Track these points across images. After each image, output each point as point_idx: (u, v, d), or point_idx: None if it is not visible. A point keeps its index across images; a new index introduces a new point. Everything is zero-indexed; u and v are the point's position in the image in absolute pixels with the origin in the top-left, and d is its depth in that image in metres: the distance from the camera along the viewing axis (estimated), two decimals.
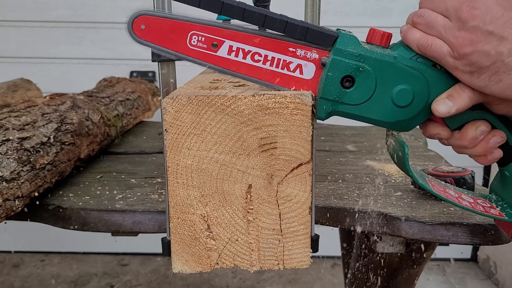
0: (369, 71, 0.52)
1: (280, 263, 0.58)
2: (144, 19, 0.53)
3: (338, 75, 0.52)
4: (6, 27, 1.99)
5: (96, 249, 2.19)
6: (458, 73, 0.50)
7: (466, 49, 0.48)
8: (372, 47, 0.53)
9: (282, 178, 0.55)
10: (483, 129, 0.53)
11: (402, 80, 0.52)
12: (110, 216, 0.71)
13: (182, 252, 0.58)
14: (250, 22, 0.52)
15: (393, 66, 0.52)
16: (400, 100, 0.53)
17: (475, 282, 2.04)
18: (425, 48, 0.50)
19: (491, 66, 0.47)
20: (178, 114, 0.53)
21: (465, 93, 0.51)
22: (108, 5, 1.97)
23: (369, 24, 0.55)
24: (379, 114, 0.53)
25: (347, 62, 0.52)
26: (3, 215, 0.62)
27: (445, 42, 0.49)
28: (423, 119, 0.54)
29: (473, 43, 0.47)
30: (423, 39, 0.51)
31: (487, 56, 0.47)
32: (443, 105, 0.51)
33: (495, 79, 0.48)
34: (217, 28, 0.53)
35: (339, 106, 0.53)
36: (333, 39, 0.52)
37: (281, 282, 1.99)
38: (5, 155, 0.65)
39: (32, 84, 1.29)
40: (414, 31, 0.52)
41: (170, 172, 0.55)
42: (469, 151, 0.55)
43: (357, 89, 0.52)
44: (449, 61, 0.49)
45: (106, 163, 0.97)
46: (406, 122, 0.54)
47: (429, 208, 0.71)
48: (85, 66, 2.01)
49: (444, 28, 0.49)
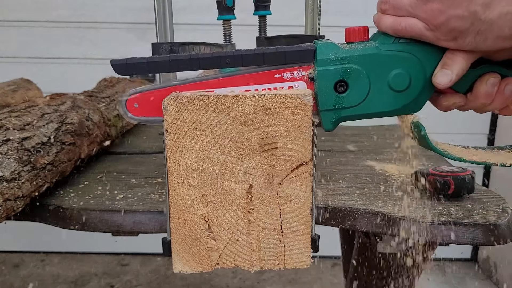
0: (357, 69, 0.52)
1: (280, 263, 0.58)
2: (135, 98, 0.55)
3: (329, 84, 0.52)
4: (6, 27, 1.99)
5: (96, 249, 2.19)
6: (443, 42, 0.49)
7: (439, 19, 0.47)
8: (352, 45, 0.53)
9: (283, 178, 0.55)
10: (493, 81, 0.52)
11: (393, 66, 0.52)
12: (110, 216, 0.71)
13: (182, 252, 0.58)
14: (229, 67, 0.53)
15: (379, 55, 0.52)
16: (398, 84, 0.52)
17: (475, 282, 2.04)
18: (401, 31, 0.50)
19: (470, 27, 0.47)
20: (178, 114, 0.53)
21: (458, 56, 0.50)
22: (108, 5, 1.97)
23: (369, 24, 0.55)
24: (383, 106, 0.53)
25: (333, 69, 0.52)
26: (3, 215, 0.62)
27: (418, 19, 0.49)
28: (429, 94, 0.54)
29: (443, 11, 0.47)
30: (396, 22, 0.50)
31: (462, 19, 0.46)
32: (442, 75, 0.51)
33: (480, 39, 0.47)
34: (202, 82, 0.55)
35: (342, 112, 0.53)
36: (312, 52, 0.53)
37: (281, 282, 1.99)
38: (6, 155, 0.65)
39: (32, 84, 1.29)
40: (385, 18, 0.51)
41: (171, 172, 0.55)
42: (490, 107, 0.54)
43: (353, 90, 0.53)
44: (429, 35, 0.49)
45: (106, 163, 0.97)
46: (412, 103, 0.54)
47: (430, 208, 0.71)
48: (85, 66, 2.01)
49: (411, 6, 0.49)
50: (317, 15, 0.58)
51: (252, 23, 0.82)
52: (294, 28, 0.88)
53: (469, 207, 0.73)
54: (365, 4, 1.95)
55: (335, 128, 0.55)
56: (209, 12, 0.66)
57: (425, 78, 0.52)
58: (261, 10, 0.76)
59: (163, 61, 0.52)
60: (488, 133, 2.08)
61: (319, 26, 0.59)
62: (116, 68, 0.53)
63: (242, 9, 0.80)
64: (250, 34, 0.84)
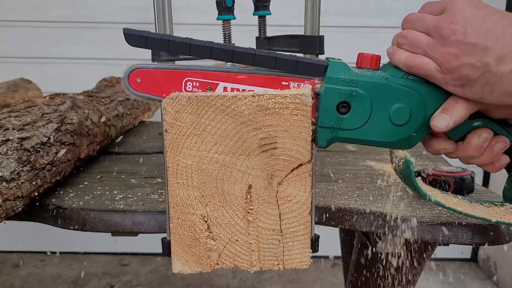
0: (363, 94, 0.52)
1: (280, 264, 0.58)
2: (139, 73, 0.55)
3: (333, 103, 0.53)
4: (6, 27, 1.99)
5: (96, 249, 2.19)
6: (450, 87, 0.50)
7: (452, 64, 0.48)
8: (362, 71, 0.53)
9: (282, 179, 0.55)
10: (486, 136, 0.53)
11: (397, 99, 0.52)
12: (110, 216, 0.71)
13: (182, 252, 0.58)
14: (241, 63, 0.53)
15: (386, 86, 0.52)
16: (398, 118, 0.53)
17: (475, 282, 2.04)
18: (413, 67, 0.51)
19: (480, 77, 0.48)
20: (178, 114, 0.53)
21: (459, 104, 0.51)
22: (108, 5, 1.97)
23: (369, 24, 0.55)
24: (379, 135, 0.54)
25: (340, 88, 0.52)
26: (3, 215, 0.62)
27: (431, 59, 0.50)
28: (424, 134, 0.55)
29: (458, 57, 0.47)
30: (410, 58, 0.51)
31: (474, 68, 0.47)
32: (441, 120, 0.52)
33: (487, 90, 0.48)
34: (210, 72, 0.54)
35: (339, 132, 0.54)
36: (324, 68, 0.53)
37: (281, 282, 1.99)
38: (5, 155, 0.65)
39: (32, 84, 1.29)
40: (400, 52, 0.52)
41: (170, 172, 0.55)
42: (477, 160, 0.55)
43: (354, 114, 0.53)
44: (439, 77, 0.50)
45: (106, 163, 0.97)
46: (407, 139, 0.54)
47: (429, 208, 0.71)
48: (85, 66, 2.01)
49: (428, 46, 0.50)
50: (317, 15, 0.58)
51: (252, 23, 0.82)
52: (294, 28, 0.88)
53: None
54: (365, 4, 1.95)
55: (327, 147, 0.55)
56: (208, 12, 0.66)
57: (424, 118, 0.53)
58: (261, 10, 0.76)
59: (175, 41, 0.51)
60: None
61: (319, 26, 0.58)
62: (128, 38, 0.52)
63: (242, 9, 0.80)
64: (250, 34, 0.84)
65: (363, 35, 1.96)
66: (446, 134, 0.54)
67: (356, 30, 1.95)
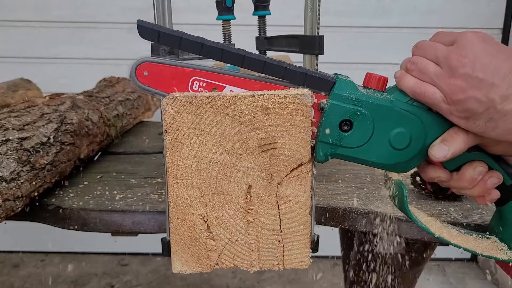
0: (366, 115, 0.53)
1: (280, 264, 0.58)
2: (147, 66, 0.54)
3: (337, 119, 0.53)
4: (6, 27, 1.99)
5: (96, 249, 2.19)
6: (454, 118, 0.50)
7: (458, 96, 0.48)
8: (368, 91, 0.53)
9: (282, 179, 0.55)
10: (481, 170, 0.54)
11: (399, 124, 0.53)
12: (110, 216, 0.71)
13: (182, 253, 0.58)
14: (249, 68, 0.53)
15: (390, 110, 0.53)
16: (398, 143, 0.53)
17: (475, 282, 2.04)
18: (419, 94, 0.51)
19: (485, 112, 0.48)
20: (178, 114, 0.53)
21: (459, 137, 0.51)
22: (108, 5, 1.97)
23: (369, 24, 0.55)
24: (377, 157, 0.54)
25: (345, 106, 0.53)
26: (3, 215, 0.62)
27: (438, 89, 0.50)
28: (421, 160, 0.55)
29: (465, 90, 0.48)
30: (417, 85, 0.51)
31: (479, 103, 0.48)
32: (439, 150, 0.52)
33: (491, 125, 0.49)
34: (218, 74, 0.54)
35: (338, 149, 0.54)
36: (331, 84, 0.53)
37: (281, 282, 1.99)
38: (5, 155, 0.65)
39: (32, 84, 1.29)
40: (408, 78, 0.53)
41: (170, 172, 0.55)
42: (468, 191, 0.56)
43: (355, 133, 0.53)
44: (444, 107, 0.50)
45: (106, 163, 0.97)
46: (404, 164, 0.55)
47: (429, 208, 0.71)
48: (85, 66, 2.01)
49: (436, 76, 0.50)
50: (317, 15, 0.58)
51: (252, 23, 0.82)
52: (294, 28, 0.88)
53: (469, 207, 0.73)
54: (365, 4, 1.95)
55: (325, 162, 0.56)
56: (208, 12, 0.66)
57: (424, 145, 0.53)
58: (261, 10, 0.76)
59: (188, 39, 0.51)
60: None
61: (319, 26, 0.58)
62: (141, 30, 0.52)
63: (242, 9, 0.80)
64: (250, 34, 0.84)
65: (363, 35, 1.96)
66: (442, 163, 0.55)
67: (356, 30, 1.95)
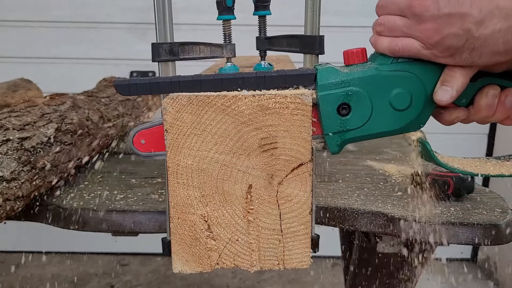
0: (358, 91, 0.52)
1: (280, 263, 0.58)
2: (142, 134, 0.57)
3: (332, 108, 0.53)
4: (6, 27, 1.99)
5: (96, 249, 2.19)
6: (440, 59, 0.50)
7: (434, 38, 0.48)
8: (351, 68, 0.53)
9: (283, 178, 0.55)
10: (494, 93, 0.53)
11: (393, 85, 0.52)
12: (110, 216, 0.71)
13: (182, 252, 0.58)
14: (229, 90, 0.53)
15: (379, 76, 0.52)
16: (400, 103, 0.53)
17: (475, 282, 2.04)
18: (398, 51, 0.51)
19: (465, 44, 0.47)
20: (178, 114, 0.53)
21: (457, 73, 0.51)
22: (108, 5, 1.97)
23: (369, 24, 0.55)
24: (387, 125, 0.54)
25: (334, 92, 0.52)
26: (3, 215, 0.62)
27: (414, 38, 0.50)
28: (430, 111, 0.54)
29: (438, 30, 0.47)
30: (393, 43, 0.51)
31: (457, 37, 0.47)
32: (443, 92, 0.51)
33: (476, 55, 0.48)
34: None
35: (347, 134, 0.54)
36: (313, 76, 0.53)
37: (281, 282, 1.99)
38: (6, 155, 0.65)
39: (32, 84, 1.29)
40: (381, 40, 0.52)
41: (171, 172, 0.55)
42: (492, 118, 0.54)
43: (356, 112, 0.53)
44: (426, 53, 0.50)
45: (106, 163, 0.97)
46: (415, 121, 0.54)
47: (429, 208, 0.71)
48: (85, 66, 2.01)
49: (406, 27, 0.50)
50: (317, 15, 0.58)
51: (252, 23, 0.82)
52: (294, 28, 0.88)
53: (469, 207, 0.73)
54: (365, 4, 1.95)
55: (341, 151, 0.55)
56: (208, 12, 0.66)
57: (426, 95, 0.53)
58: (261, 10, 0.76)
59: (164, 82, 0.53)
60: (488, 132, 2.08)
61: (319, 26, 0.58)
62: (119, 88, 0.53)
63: (242, 9, 0.81)
64: (250, 34, 0.84)
65: (363, 35, 1.95)
66: (454, 103, 0.54)
67: (356, 30, 1.95)
